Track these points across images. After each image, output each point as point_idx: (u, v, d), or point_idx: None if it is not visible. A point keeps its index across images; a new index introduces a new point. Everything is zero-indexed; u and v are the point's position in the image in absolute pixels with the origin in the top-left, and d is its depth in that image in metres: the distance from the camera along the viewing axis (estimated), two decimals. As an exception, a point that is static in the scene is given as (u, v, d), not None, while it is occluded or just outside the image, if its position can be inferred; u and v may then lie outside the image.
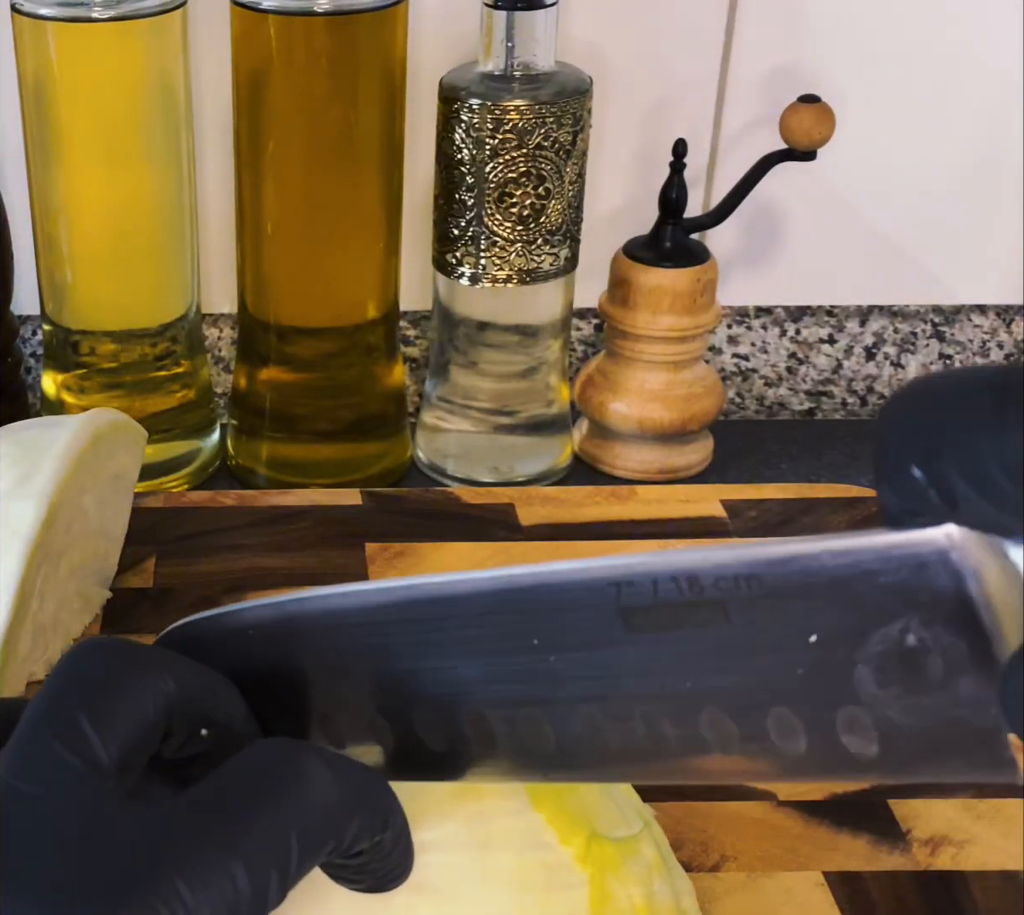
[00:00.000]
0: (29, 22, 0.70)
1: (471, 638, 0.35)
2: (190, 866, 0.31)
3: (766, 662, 0.31)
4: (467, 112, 0.72)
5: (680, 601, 0.32)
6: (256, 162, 0.75)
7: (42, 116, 0.73)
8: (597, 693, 0.34)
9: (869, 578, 0.29)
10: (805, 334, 0.90)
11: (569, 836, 0.42)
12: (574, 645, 0.34)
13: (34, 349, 0.88)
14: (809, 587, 0.30)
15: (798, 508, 0.74)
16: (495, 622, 0.35)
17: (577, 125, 0.73)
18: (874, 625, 0.30)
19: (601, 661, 0.34)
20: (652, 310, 0.79)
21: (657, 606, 0.32)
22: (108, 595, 0.67)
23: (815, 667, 0.31)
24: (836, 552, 0.30)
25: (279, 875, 0.32)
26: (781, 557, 0.31)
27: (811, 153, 0.76)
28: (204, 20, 0.77)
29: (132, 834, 0.32)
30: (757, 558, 0.31)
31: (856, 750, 0.31)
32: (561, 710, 0.35)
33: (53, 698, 0.34)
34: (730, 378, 0.91)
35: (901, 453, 0.28)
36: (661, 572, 0.32)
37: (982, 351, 0.91)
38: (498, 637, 0.35)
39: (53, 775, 0.32)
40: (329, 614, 0.37)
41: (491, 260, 0.75)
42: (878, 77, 0.84)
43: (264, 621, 0.39)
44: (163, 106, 0.73)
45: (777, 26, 0.82)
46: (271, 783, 0.33)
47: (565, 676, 0.34)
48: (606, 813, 0.44)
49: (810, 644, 0.31)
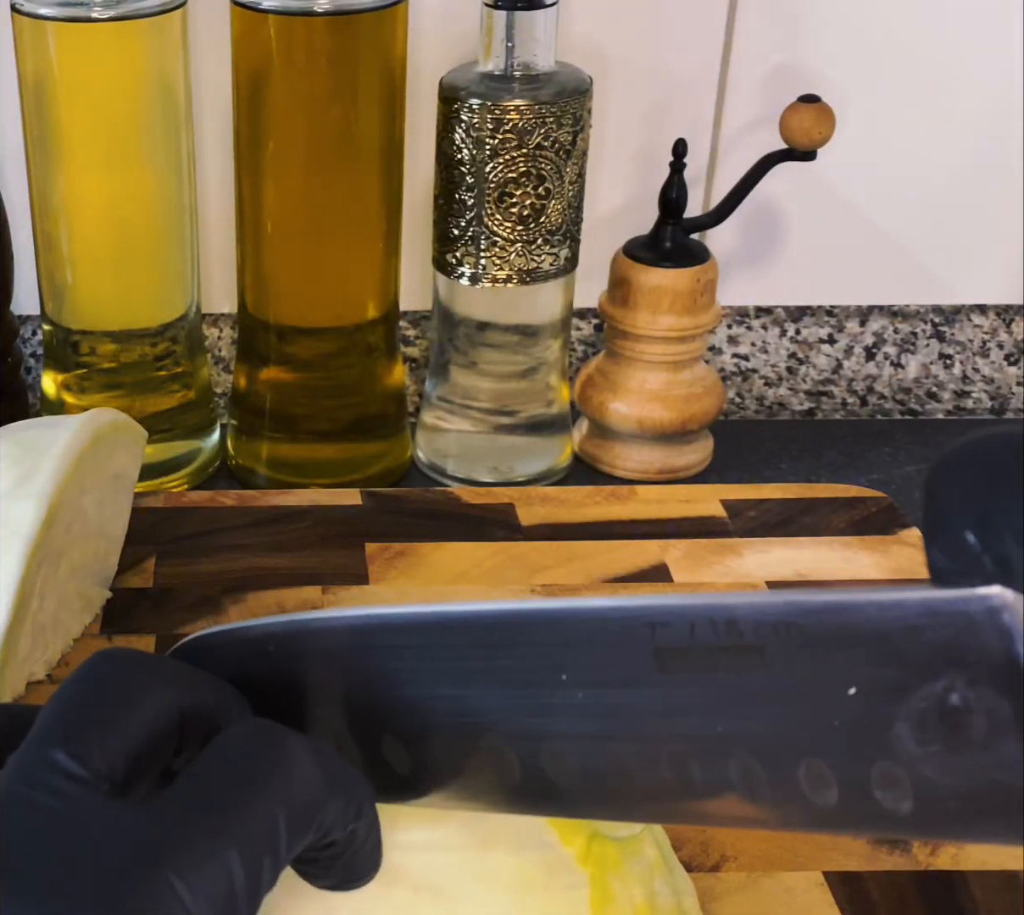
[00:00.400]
0: (29, 22, 0.70)
1: (497, 668, 0.35)
2: (185, 862, 0.31)
3: (802, 711, 0.31)
4: (467, 112, 0.72)
5: (716, 645, 0.31)
6: (256, 162, 0.75)
7: (42, 116, 0.73)
8: (624, 732, 0.34)
9: (915, 633, 0.29)
10: (805, 334, 0.90)
11: (570, 836, 0.42)
12: (604, 682, 0.33)
13: (34, 349, 0.88)
14: (851, 639, 0.30)
15: (798, 508, 0.74)
16: (523, 654, 0.34)
17: (577, 125, 0.73)
18: (917, 681, 0.29)
19: (631, 700, 0.33)
20: (652, 310, 0.79)
21: (692, 648, 0.32)
22: (108, 595, 0.67)
23: (852, 720, 0.30)
24: (882, 605, 0.29)
25: (271, 860, 0.32)
26: (823, 606, 0.30)
27: (811, 153, 0.76)
28: (204, 20, 0.77)
29: (129, 834, 0.32)
30: (799, 606, 0.30)
31: (890, 806, 0.31)
32: (586, 746, 0.34)
33: (64, 706, 0.34)
34: (730, 378, 0.91)
35: (954, 517, 0.28)
36: (699, 614, 0.31)
37: (982, 351, 0.91)
38: (526, 670, 0.34)
39: (56, 782, 0.33)
40: (354, 631, 0.37)
41: (491, 260, 0.75)
42: (878, 77, 0.84)
43: (282, 636, 0.38)
44: (163, 106, 0.73)
45: (777, 26, 0.82)
46: (255, 766, 0.33)
47: (593, 713, 0.34)
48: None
49: (849, 696, 0.30)
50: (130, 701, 0.35)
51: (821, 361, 0.91)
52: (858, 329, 0.90)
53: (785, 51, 0.83)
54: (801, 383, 0.92)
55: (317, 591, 0.68)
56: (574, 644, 0.33)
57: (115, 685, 0.35)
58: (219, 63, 0.75)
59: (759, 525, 0.73)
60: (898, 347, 0.91)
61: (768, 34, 0.82)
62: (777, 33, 0.82)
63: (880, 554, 0.70)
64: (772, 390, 0.92)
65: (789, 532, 0.72)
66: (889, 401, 0.92)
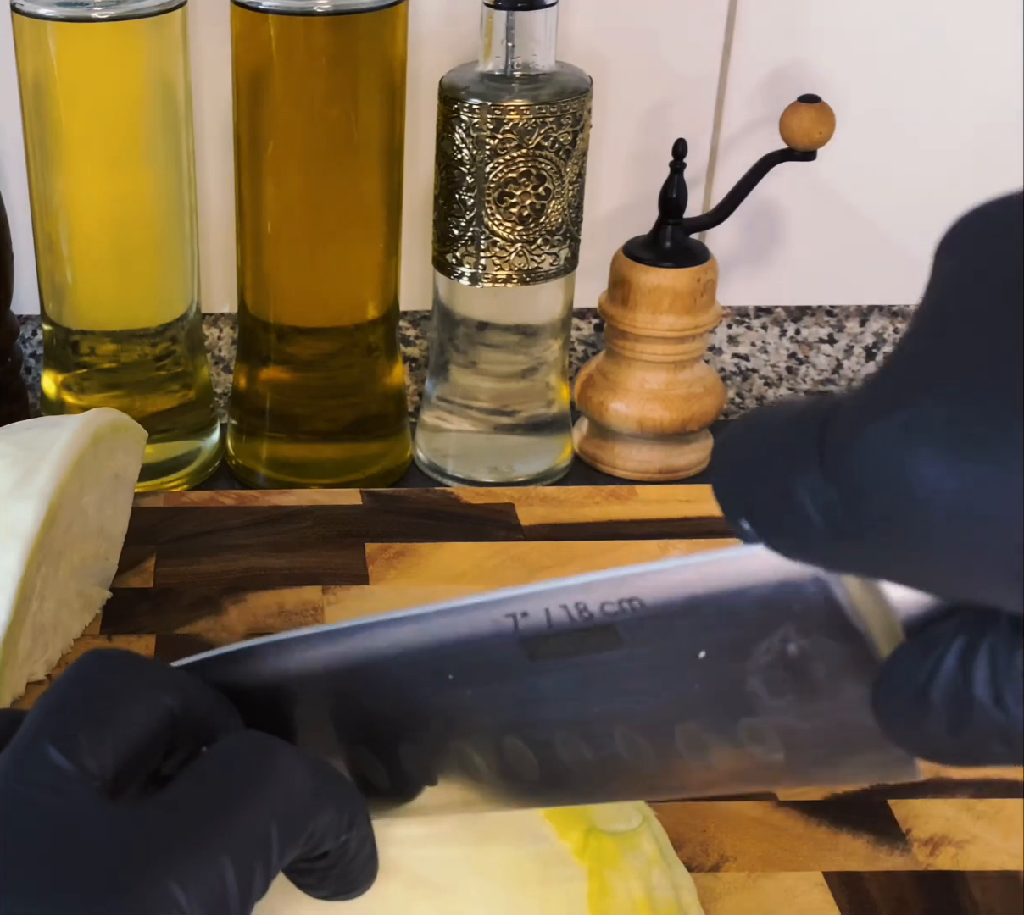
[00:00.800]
0: (29, 22, 0.70)
1: (401, 680, 0.36)
2: (180, 865, 0.31)
3: (664, 680, 0.32)
4: (467, 112, 0.72)
5: (573, 627, 0.32)
6: (256, 162, 0.75)
7: (42, 116, 0.72)
8: (516, 722, 0.35)
9: (742, 592, 0.30)
10: (805, 334, 0.90)
11: (567, 830, 0.42)
12: (485, 678, 0.34)
13: (34, 349, 0.88)
14: (689, 604, 0.31)
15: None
16: (405, 661, 0.35)
17: (577, 125, 0.73)
18: (756, 637, 0.30)
19: (511, 691, 0.34)
20: (652, 310, 0.79)
21: (553, 634, 0.33)
22: (108, 595, 0.67)
23: (710, 682, 0.31)
24: (707, 569, 0.30)
25: (263, 866, 0.32)
26: (656, 576, 0.31)
27: (811, 153, 0.76)
28: (204, 20, 0.77)
29: (123, 835, 0.32)
30: (635, 579, 0.31)
31: (764, 758, 0.32)
32: (486, 741, 0.35)
33: (54, 704, 0.34)
34: (730, 378, 0.91)
35: (727, 508, 0.28)
36: (551, 600, 0.32)
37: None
38: (420, 677, 0.35)
39: (47, 778, 0.33)
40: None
41: (491, 260, 0.75)
42: (878, 77, 0.84)
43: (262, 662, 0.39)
44: (163, 106, 0.73)
45: (777, 26, 0.82)
46: (248, 774, 0.34)
47: (484, 708, 0.35)
48: (604, 807, 0.44)
49: (700, 660, 0.31)
50: (121, 700, 0.35)
51: (821, 361, 0.91)
52: (858, 329, 0.90)
53: (785, 51, 0.83)
54: (801, 383, 0.92)
55: (317, 591, 0.68)
56: (451, 644, 0.34)
57: (106, 684, 0.35)
58: (219, 63, 0.75)
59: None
60: (898, 347, 0.91)
61: (768, 34, 0.82)
62: (777, 33, 0.82)
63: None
64: (772, 390, 0.92)
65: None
66: (889, 401, 0.91)
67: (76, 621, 0.64)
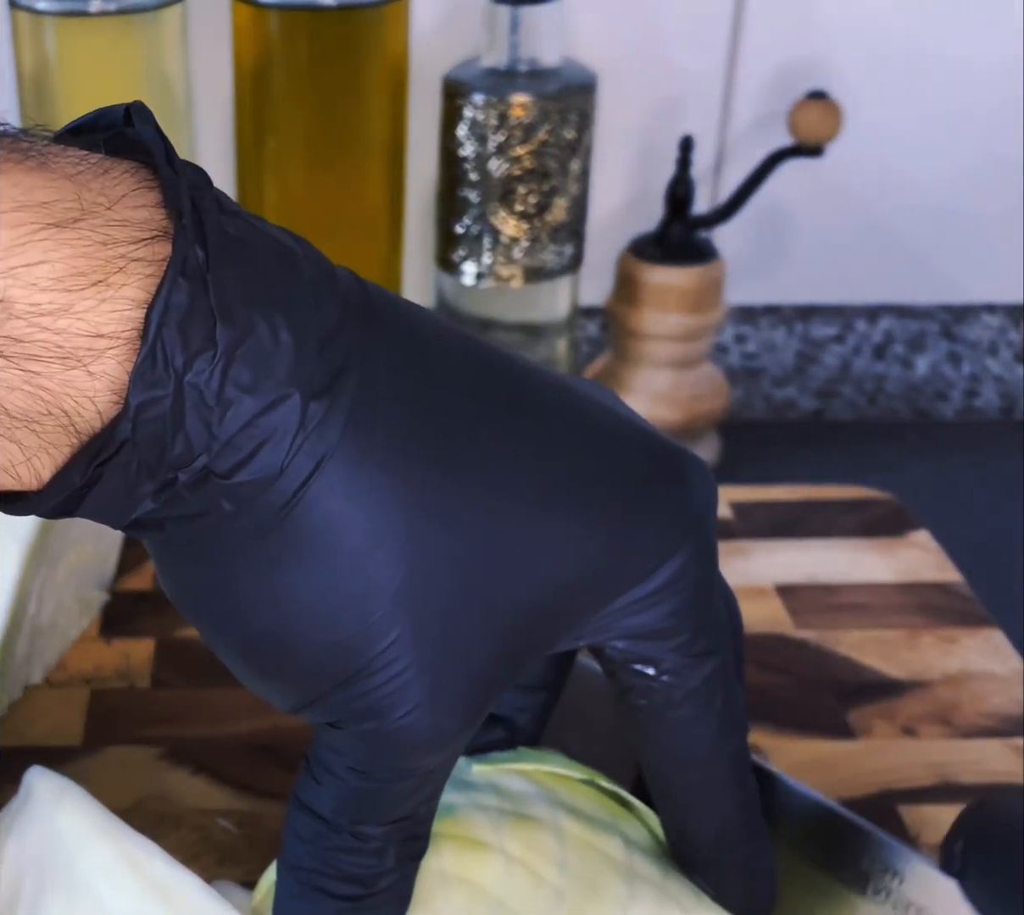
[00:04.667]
0: (27, 16, 0.70)
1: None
2: None
3: None
4: (471, 108, 0.72)
5: None
6: (257, 159, 0.74)
7: (40, 111, 0.72)
8: None
9: None
10: (813, 333, 0.90)
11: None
12: None
13: (34, 348, 0.87)
14: None
15: (806, 509, 0.73)
16: None
17: (583, 121, 0.73)
18: None
19: None
20: (658, 309, 0.78)
21: None
22: (107, 598, 0.66)
23: None
24: None
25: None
26: None
27: (819, 149, 0.76)
28: (204, 14, 0.76)
29: None
30: None
31: None
32: None
33: None
34: (737, 377, 0.91)
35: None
36: None
37: (991, 350, 0.90)
38: None
39: None
40: None
41: (495, 258, 0.75)
42: (886, 73, 0.83)
43: None
44: (163, 102, 0.73)
45: (784, 22, 0.82)
46: None
47: None
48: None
49: None
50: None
51: (829, 360, 0.90)
52: (867, 328, 0.90)
53: (793, 47, 0.82)
54: (809, 382, 0.91)
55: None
56: None
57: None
58: (219, 58, 0.75)
59: (766, 526, 0.72)
60: (907, 346, 0.90)
61: (776, 30, 0.82)
62: (785, 29, 0.82)
63: (888, 556, 0.69)
64: (780, 390, 0.91)
65: (797, 533, 0.71)
66: (898, 401, 0.91)
67: (74, 624, 0.63)
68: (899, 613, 0.65)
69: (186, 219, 0.31)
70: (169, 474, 0.31)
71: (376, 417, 0.33)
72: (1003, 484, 0.82)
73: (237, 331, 0.31)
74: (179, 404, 0.30)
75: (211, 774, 0.55)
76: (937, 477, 0.83)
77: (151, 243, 0.31)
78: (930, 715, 0.59)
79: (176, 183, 0.31)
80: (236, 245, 0.32)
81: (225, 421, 0.31)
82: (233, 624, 0.34)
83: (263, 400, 0.31)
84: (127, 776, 0.55)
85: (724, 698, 0.39)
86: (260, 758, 0.56)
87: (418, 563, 0.33)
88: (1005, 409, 0.91)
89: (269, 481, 0.32)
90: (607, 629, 0.37)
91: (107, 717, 0.58)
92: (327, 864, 0.37)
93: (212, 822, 0.52)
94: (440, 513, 0.33)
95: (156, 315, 0.30)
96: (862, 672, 0.61)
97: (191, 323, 0.30)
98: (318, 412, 0.32)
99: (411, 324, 0.35)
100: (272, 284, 0.32)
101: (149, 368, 0.30)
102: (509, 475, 0.34)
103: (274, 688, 0.35)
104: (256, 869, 0.49)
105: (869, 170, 0.86)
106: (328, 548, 0.33)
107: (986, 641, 0.63)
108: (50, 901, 0.39)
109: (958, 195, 0.87)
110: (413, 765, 0.35)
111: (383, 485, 0.33)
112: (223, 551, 0.33)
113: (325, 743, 0.36)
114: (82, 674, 0.61)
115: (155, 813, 0.53)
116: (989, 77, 0.83)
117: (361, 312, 0.33)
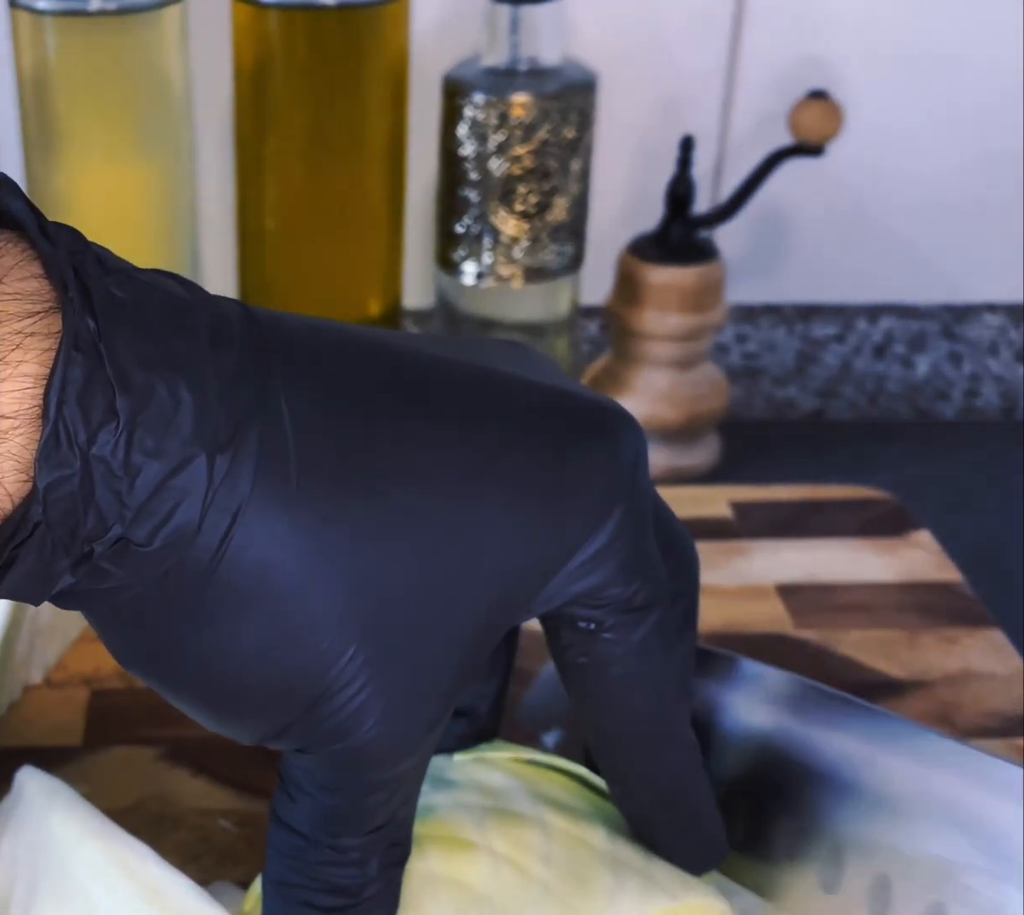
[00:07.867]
0: (26, 15, 0.70)
1: None
2: None
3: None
4: (471, 107, 0.72)
5: None
6: (257, 158, 0.74)
7: (40, 111, 0.72)
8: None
9: None
10: (814, 333, 0.90)
11: None
12: None
13: (34, 348, 0.87)
14: None
15: (806, 509, 0.73)
16: None
17: (583, 121, 0.73)
18: None
19: None
20: (659, 308, 0.78)
21: None
22: (107, 597, 0.66)
23: None
24: None
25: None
26: None
27: (820, 148, 0.76)
28: (204, 14, 0.76)
29: None
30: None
31: None
32: None
33: None
34: (738, 377, 0.90)
35: None
36: None
37: (992, 350, 0.90)
38: None
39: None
40: None
41: (495, 258, 0.74)
42: (887, 73, 0.83)
43: None
44: (163, 101, 0.73)
45: (786, 21, 0.82)
46: None
47: None
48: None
49: None
50: None
51: (830, 360, 0.90)
52: (868, 327, 0.90)
53: (794, 47, 0.82)
54: (810, 382, 0.91)
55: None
56: None
57: None
58: (219, 58, 0.75)
59: (767, 526, 0.72)
60: (908, 346, 0.90)
61: (777, 29, 0.82)
62: (786, 28, 0.82)
63: (889, 556, 0.69)
64: (780, 389, 0.91)
65: (797, 533, 0.71)
66: (898, 400, 0.91)
67: (74, 624, 0.63)
68: (900, 613, 0.65)
69: (72, 292, 0.30)
70: (85, 547, 0.31)
71: (287, 455, 0.32)
72: (1003, 484, 0.82)
73: (137, 398, 0.30)
74: (87, 479, 0.30)
75: (211, 774, 0.55)
76: (937, 477, 0.82)
77: (45, 315, 0.30)
78: (931, 715, 0.59)
79: (55, 255, 0.30)
80: (125, 309, 0.31)
81: (135, 489, 0.31)
82: (186, 680, 0.34)
83: (170, 463, 0.31)
84: (127, 776, 0.55)
85: (665, 653, 0.39)
86: (260, 758, 0.56)
87: (357, 587, 0.33)
88: (1006, 409, 0.91)
89: (188, 540, 0.31)
90: (553, 599, 0.37)
91: (107, 717, 0.58)
92: (311, 878, 0.37)
93: (212, 822, 0.52)
94: (368, 533, 0.33)
95: (55, 393, 0.29)
96: (863, 672, 0.61)
97: (91, 396, 0.30)
98: (224, 465, 0.31)
99: (308, 347, 0.35)
100: (166, 342, 0.31)
101: (53, 448, 0.29)
102: (434, 482, 0.34)
103: (236, 729, 0.35)
104: (256, 869, 0.49)
105: (870, 170, 0.85)
106: (265, 593, 0.32)
107: (987, 641, 0.63)
108: (42, 903, 0.38)
109: (959, 195, 0.86)
110: (384, 776, 0.35)
111: (305, 521, 0.32)
112: (160, 614, 0.33)
113: (294, 764, 0.36)
114: (82, 674, 0.60)
115: (155, 813, 0.53)
116: (990, 77, 0.83)
117: (256, 349, 0.33)
